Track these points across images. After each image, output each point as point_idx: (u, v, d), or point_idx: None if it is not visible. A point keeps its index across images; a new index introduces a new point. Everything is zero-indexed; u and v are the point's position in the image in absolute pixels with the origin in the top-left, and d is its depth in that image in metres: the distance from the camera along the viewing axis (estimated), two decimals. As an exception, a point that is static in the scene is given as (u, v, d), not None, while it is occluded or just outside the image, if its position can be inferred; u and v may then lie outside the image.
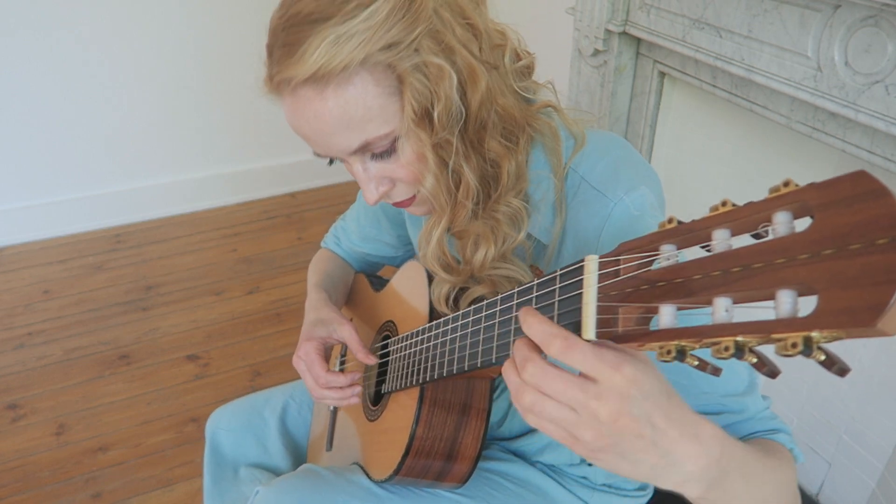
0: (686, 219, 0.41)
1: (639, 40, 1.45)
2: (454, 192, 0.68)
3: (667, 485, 0.46)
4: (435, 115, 0.62)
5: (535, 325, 0.45)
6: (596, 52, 1.50)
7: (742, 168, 1.44)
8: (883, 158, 1.00)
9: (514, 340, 0.54)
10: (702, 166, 1.52)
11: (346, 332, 0.87)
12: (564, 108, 0.73)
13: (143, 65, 2.42)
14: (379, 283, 1.04)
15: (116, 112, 2.45)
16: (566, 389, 0.43)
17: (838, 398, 1.39)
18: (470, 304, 0.64)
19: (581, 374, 0.43)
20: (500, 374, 0.57)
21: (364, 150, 0.65)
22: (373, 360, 0.86)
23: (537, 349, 0.46)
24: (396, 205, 0.73)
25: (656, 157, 1.58)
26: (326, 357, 0.90)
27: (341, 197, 2.79)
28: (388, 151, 0.65)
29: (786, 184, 0.35)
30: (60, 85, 2.34)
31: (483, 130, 0.66)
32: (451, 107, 0.62)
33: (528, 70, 0.73)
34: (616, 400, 0.42)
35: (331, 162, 0.71)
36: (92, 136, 2.46)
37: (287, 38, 0.60)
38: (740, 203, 0.38)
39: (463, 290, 0.77)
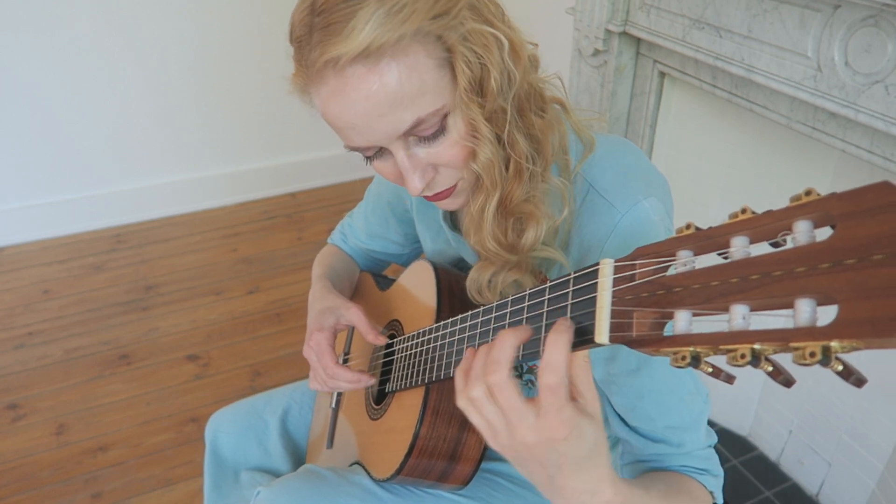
0: (691, 221, 0.41)
1: (639, 40, 1.45)
2: (508, 164, 0.66)
3: (550, 499, 0.55)
4: (491, 81, 0.61)
5: (557, 360, 0.48)
6: (596, 52, 1.50)
7: (742, 168, 1.44)
8: (883, 158, 1.00)
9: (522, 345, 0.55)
10: (702, 166, 1.52)
11: (353, 315, 0.87)
12: (572, 108, 0.73)
13: (144, 65, 2.42)
14: (385, 282, 1.04)
15: (117, 112, 2.45)
16: (514, 406, 0.49)
17: (838, 398, 1.39)
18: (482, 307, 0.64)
19: (532, 399, 0.50)
20: None
21: (413, 130, 0.62)
22: (382, 340, 0.85)
23: (512, 358, 0.51)
24: (433, 197, 0.70)
25: (656, 157, 1.58)
26: (333, 345, 0.90)
27: (341, 197, 2.79)
28: (437, 132, 0.63)
29: (808, 192, 0.34)
30: (61, 85, 2.34)
31: (527, 102, 0.66)
32: (505, 72, 0.62)
33: (535, 61, 0.72)
34: (542, 439, 0.49)
35: (368, 161, 0.68)
36: (92, 135, 2.45)
37: (328, 19, 0.58)
38: (759, 210, 0.37)
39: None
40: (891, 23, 0.91)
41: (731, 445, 1.63)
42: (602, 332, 0.45)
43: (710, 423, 1.70)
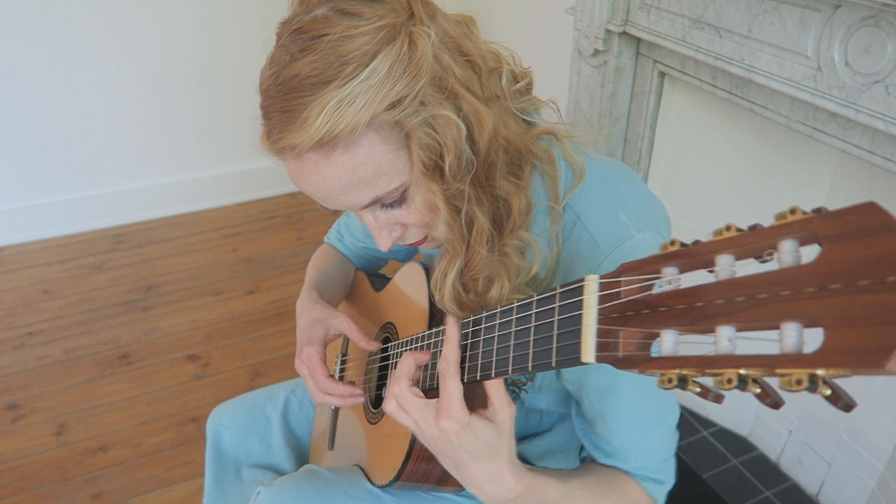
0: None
1: (639, 40, 1.45)
2: (467, 236, 0.67)
3: (466, 488, 0.64)
4: (446, 166, 0.61)
5: (450, 383, 0.58)
6: (596, 52, 1.50)
7: (742, 168, 1.44)
8: (883, 158, 1.00)
9: (512, 357, 0.56)
10: (702, 166, 1.52)
11: (342, 323, 0.87)
12: (565, 124, 0.72)
13: (144, 65, 2.42)
14: (380, 282, 1.04)
15: (117, 112, 2.45)
16: (415, 406, 0.61)
17: (838, 398, 1.39)
18: None
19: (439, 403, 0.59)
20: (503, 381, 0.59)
21: (374, 203, 0.64)
22: (375, 346, 0.85)
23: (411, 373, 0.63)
24: (410, 245, 0.72)
25: (656, 157, 1.57)
26: (324, 358, 0.90)
27: (341, 197, 2.79)
28: (399, 200, 0.64)
29: (792, 211, 0.34)
30: (61, 85, 2.33)
31: (492, 170, 0.65)
32: (462, 156, 0.61)
33: (527, 87, 0.72)
34: (440, 433, 0.59)
35: (336, 212, 0.70)
36: (92, 136, 2.45)
37: (286, 104, 0.58)
38: (744, 226, 0.37)
39: None
40: (891, 23, 0.91)
41: (731, 445, 1.63)
42: (588, 352, 0.45)
43: (710, 423, 1.69)
